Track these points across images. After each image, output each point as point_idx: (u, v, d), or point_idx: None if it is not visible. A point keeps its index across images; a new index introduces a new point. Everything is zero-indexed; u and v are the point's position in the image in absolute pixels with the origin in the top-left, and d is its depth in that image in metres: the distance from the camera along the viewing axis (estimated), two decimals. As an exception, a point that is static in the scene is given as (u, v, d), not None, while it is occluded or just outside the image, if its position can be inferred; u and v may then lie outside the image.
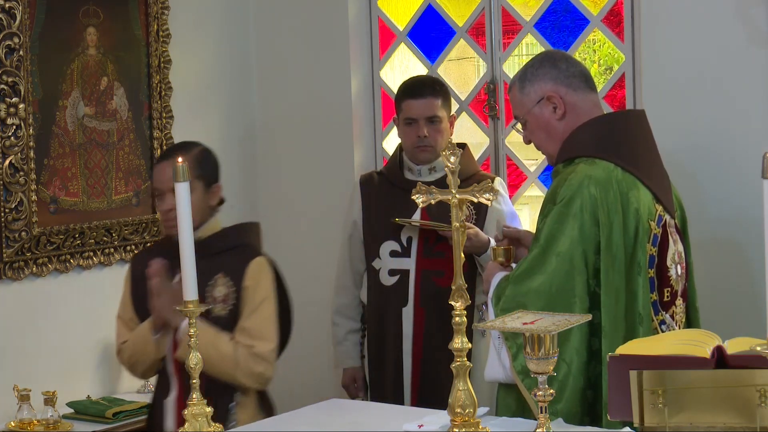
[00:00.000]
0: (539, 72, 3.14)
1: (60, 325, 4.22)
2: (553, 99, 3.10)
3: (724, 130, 3.85)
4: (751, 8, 3.76)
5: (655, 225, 3.02)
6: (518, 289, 2.92)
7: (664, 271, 3.03)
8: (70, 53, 4.27)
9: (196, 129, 4.75)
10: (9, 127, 4.01)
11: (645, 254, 2.97)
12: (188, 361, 2.46)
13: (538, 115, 3.13)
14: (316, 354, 4.78)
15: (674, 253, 3.08)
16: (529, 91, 3.14)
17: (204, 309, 2.52)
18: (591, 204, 2.91)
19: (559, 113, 3.10)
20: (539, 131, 3.15)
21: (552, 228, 2.93)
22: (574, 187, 2.94)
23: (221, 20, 4.92)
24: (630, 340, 2.83)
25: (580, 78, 3.13)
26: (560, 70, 3.12)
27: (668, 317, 3.05)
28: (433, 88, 3.98)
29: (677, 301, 3.09)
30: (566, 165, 3.05)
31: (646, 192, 3.03)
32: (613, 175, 2.97)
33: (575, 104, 3.10)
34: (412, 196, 2.49)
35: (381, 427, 2.74)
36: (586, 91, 3.13)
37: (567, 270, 2.90)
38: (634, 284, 2.95)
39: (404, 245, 3.97)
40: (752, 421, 2.25)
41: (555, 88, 3.10)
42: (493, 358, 3.00)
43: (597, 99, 3.17)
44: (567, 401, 2.86)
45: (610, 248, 2.91)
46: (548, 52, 3.47)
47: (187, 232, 2.45)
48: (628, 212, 2.95)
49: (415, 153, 3.99)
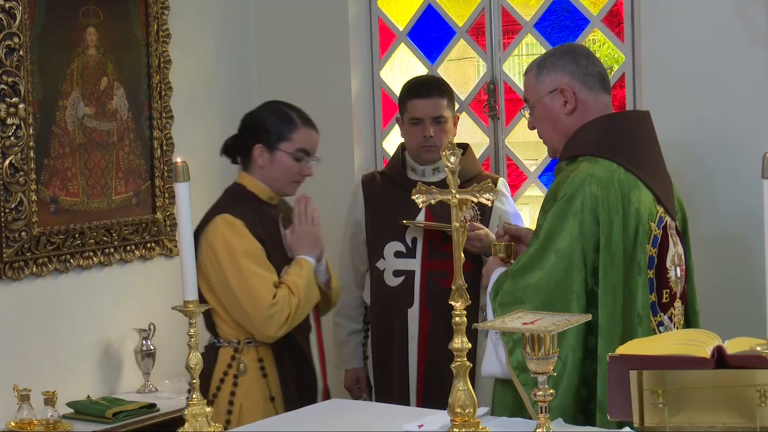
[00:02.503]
0: (558, 63, 3.13)
1: (60, 325, 4.22)
2: (566, 92, 3.10)
3: (724, 129, 3.85)
4: (751, 8, 3.76)
5: (656, 226, 3.02)
6: (516, 284, 2.93)
7: (664, 272, 3.03)
8: (70, 53, 4.27)
9: (196, 129, 4.76)
10: (9, 127, 4.01)
11: (645, 255, 2.97)
12: (188, 361, 2.46)
13: (548, 104, 3.13)
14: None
15: (674, 255, 3.08)
16: (544, 80, 3.13)
17: (204, 309, 2.52)
18: (592, 202, 2.92)
19: (569, 108, 3.10)
20: (546, 122, 3.15)
21: (552, 224, 2.94)
22: (575, 184, 2.94)
23: (221, 20, 4.92)
24: (626, 340, 2.85)
25: (597, 78, 3.12)
26: (579, 66, 3.11)
27: (666, 319, 3.05)
28: (439, 88, 3.99)
29: (676, 303, 3.09)
30: (569, 163, 3.06)
31: (648, 193, 3.03)
32: (615, 175, 2.97)
33: (586, 102, 3.10)
34: (411, 196, 2.49)
35: (381, 427, 2.75)
36: (600, 92, 3.13)
37: (565, 267, 2.90)
38: (634, 284, 2.95)
39: (409, 246, 3.97)
40: (752, 421, 2.25)
41: (570, 83, 3.10)
42: (490, 353, 3.01)
43: (609, 101, 3.16)
44: (561, 398, 2.87)
45: (609, 247, 2.91)
46: (572, 45, 3.46)
47: (187, 232, 2.45)
48: (629, 212, 2.96)
49: (420, 153, 3.99)
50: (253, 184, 3.61)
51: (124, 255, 4.44)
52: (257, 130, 3.62)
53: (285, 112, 3.65)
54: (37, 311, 4.15)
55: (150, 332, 4.40)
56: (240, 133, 3.70)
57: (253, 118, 3.67)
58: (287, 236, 3.58)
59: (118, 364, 4.42)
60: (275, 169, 3.60)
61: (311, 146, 3.64)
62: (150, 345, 4.38)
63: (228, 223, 3.48)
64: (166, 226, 4.59)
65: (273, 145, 3.58)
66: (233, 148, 3.71)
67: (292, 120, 3.62)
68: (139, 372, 4.40)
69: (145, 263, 4.55)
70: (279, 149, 3.58)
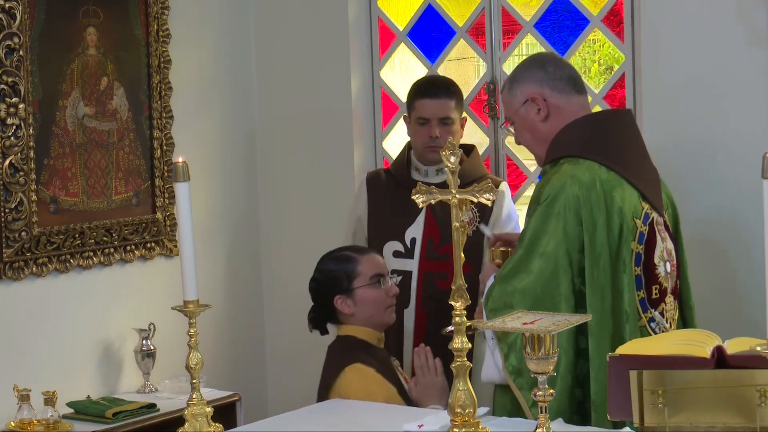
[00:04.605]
0: (527, 74, 3.21)
1: (60, 325, 4.21)
2: (537, 100, 3.17)
3: (724, 130, 3.85)
4: (751, 8, 3.76)
5: (641, 223, 3.05)
6: (504, 289, 2.96)
7: (652, 268, 3.05)
8: (70, 53, 4.27)
9: (196, 129, 4.76)
10: (9, 127, 4.01)
11: (630, 252, 3.00)
12: (188, 361, 2.46)
13: (523, 116, 3.20)
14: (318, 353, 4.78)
15: (662, 251, 3.10)
16: (516, 93, 3.21)
17: (203, 309, 2.51)
18: (574, 203, 2.95)
19: (542, 115, 3.16)
20: (525, 132, 3.22)
21: (536, 228, 2.98)
22: (557, 187, 2.98)
23: (221, 20, 4.92)
24: (616, 338, 2.88)
25: (567, 81, 3.18)
26: (547, 73, 3.18)
27: (657, 314, 3.07)
28: (448, 89, 3.98)
29: (667, 298, 3.11)
30: (553, 166, 3.10)
31: (632, 190, 3.06)
32: (597, 175, 3.01)
33: (559, 106, 3.15)
34: (412, 196, 2.49)
35: (381, 427, 2.75)
36: (572, 93, 3.18)
37: (552, 269, 2.94)
38: (620, 282, 2.98)
39: (408, 246, 3.97)
40: (752, 421, 2.25)
41: (540, 90, 3.16)
42: (488, 360, 3.03)
43: (585, 101, 3.21)
44: (555, 399, 2.87)
45: (593, 247, 2.94)
46: (539, 54, 3.53)
47: (187, 232, 2.45)
48: (612, 211, 2.99)
49: (424, 153, 3.99)
50: (359, 330, 3.52)
51: (124, 255, 4.44)
52: (327, 285, 3.56)
53: (341, 254, 3.62)
54: (37, 311, 4.15)
55: (150, 332, 4.40)
56: (316, 302, 3.63)
57: (318, 279, 3.62)
58: (412, 388, 3.46)
59: (118, 364, 4.42)
60: (364, 307, 3.52)
61: (380, 269, 3.57)
62: (150, 345, 4.38)
63: (361, 372, 3.38)
64: (166, 226, 4.59)
65: (348, 288, 3.52)
66: (318, 317, 3.64)
67: (351, 257, 3.57)
68: (139, 372, 4.40)
69: (145, 263, 4.55)
70: (355, 288, 3.52)
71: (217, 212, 4.85)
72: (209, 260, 4.74)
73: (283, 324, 5.00)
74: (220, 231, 4.87)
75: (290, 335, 4.96)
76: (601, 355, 2.85)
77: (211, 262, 4.79)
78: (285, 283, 4.97)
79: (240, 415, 4.33)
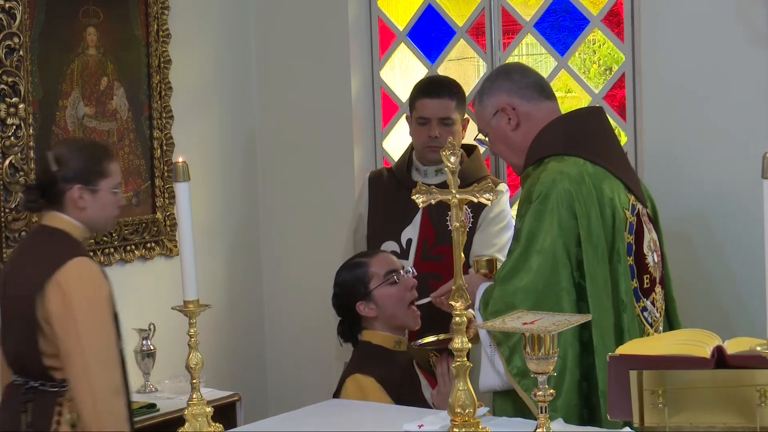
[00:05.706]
0: (494, 85, 3.25)
1: (60, 325, 4.21)
2: (506, 110, 3.21)
3: (724, 129, 3.85)
4: (751, 8, 3.77)
5: (630, 214, 3.09)
6: (505, 290, 2.96)
7: (642, 258, 3.09)
8: (70, 53, 4.27)
9: (196, 129, 4.76)
10: (9, 127, 4.01)
11: (624, 242, 3.03)
12: (188, 361, 2.46)
13: (495, 127, 3.24)
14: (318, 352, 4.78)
15: (650, 241, 3.15)
16: (486, 105, 3.25)
17: (203, 309, 2.51)
18: (567, 198, 2.98)
19: (513, 124, 3.20)
20: (499, 143, 3.26)
21: (531, 226, 3.00)
22: (547, 183, 3.00)
23: (221, 20, 4.92)
24: (617, 329, 2.90)
25: (534, 88, 3.22)
26: (513, 82, 3.22)
27: (649, 304, 3.10)
28: (450, 89, 3.98)
29: (656, 288, 3.16)
30: (536, 167, 3.12)
31: (618, 183, 3.11)
32: (583, 169, 3.05)
33: (529, 114, 3.19)
34: (412, 196, 2.49)
35: (381, 426, 2.75)
36: (541, 100, 3.22)
37: (551, 265, 2.96)
38: (615, 272, 3.00)
39: (403, 247, 3.97)
40: (752, 421, 2.25)
41: (508, 100, 3.20)
42: (486, 368, 3.03)
43: (554, 106, 3.26)
44: (566, 395, 2.90)
45: (590, 239, 2.97)
46: (505, 64, 3.59)
47: (188, 232, 2.45)
48: (603, 203, 3.03)
49: (424, 152, 3.99)
50: (376, 336, 3.49)
51: (124, 255, 4.44)
52: (346, 296, 3.53)
53: (352, 262, 3.60)
54: (37, 311, 4.14)
55: (150, 332, 4.40)
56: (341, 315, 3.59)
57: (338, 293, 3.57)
58: (434, 396, 3.43)
59: (118, 364, 4.41)
60: (385, 307, 3.48)
61: (392, 265, 3.54)
62: (150, 345, 4.38)
63: (358, 383, 3.36)
64: (166, 226, 4.59)
65: (366, 292, 3.49)
66: (346, 329, 3.58)
67: (361, 263, 3.56)
68: (139, 372, 4.39)
69: (145, 263, 4.55)
70: (372, 290, 3.48)
71: (217, 212, 4.85)
72: (209, 260, 4.74)
73: (283, 324, 5.00)
74: (220, 231, 4.87)
75: (290, 335, 4.96)
76: (607, 345, 2.86)
77: (211, 262, 4.78)
78: (285, 283, 4.97)
79: (240, 415, 4.33)
